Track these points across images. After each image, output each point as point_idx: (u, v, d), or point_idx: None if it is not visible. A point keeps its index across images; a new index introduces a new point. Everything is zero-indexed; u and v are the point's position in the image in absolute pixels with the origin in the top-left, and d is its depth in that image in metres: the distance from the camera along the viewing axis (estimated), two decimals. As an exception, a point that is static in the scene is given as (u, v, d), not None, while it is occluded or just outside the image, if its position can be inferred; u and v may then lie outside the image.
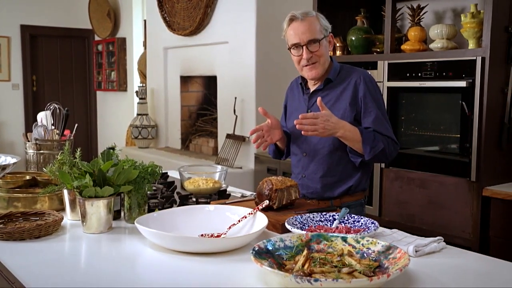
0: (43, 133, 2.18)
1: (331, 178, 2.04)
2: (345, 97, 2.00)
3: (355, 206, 2.05)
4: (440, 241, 1.54)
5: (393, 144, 1.98)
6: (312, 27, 1.98)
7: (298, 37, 1.98)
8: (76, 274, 1.34)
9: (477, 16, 2.66)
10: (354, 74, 2.02)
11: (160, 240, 1.48)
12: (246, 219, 1.65)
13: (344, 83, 2.02)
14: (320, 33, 1.99)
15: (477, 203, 2.63)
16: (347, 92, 2.00)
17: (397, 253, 1.30)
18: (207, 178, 2.10)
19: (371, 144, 1.91)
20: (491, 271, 1.39)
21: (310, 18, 1.99)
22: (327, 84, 2.04)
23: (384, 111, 2.02)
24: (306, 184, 2.09)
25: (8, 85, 7.00)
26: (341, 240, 1.39)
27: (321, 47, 1.99)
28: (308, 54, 1.98)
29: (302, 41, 1.98)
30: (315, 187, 2.06)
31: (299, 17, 1.98)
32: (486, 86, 2.57)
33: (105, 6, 6.67)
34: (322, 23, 2.01)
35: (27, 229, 1.53)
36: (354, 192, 2.05)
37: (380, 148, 1.91)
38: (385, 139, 1.95)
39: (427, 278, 1.29)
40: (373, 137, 1.92)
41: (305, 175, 2.10)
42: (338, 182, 2.04)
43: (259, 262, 1.21)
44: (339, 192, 2.04)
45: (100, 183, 1.63)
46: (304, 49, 1.98)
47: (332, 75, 2.04)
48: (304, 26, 1.97)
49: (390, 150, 1.95)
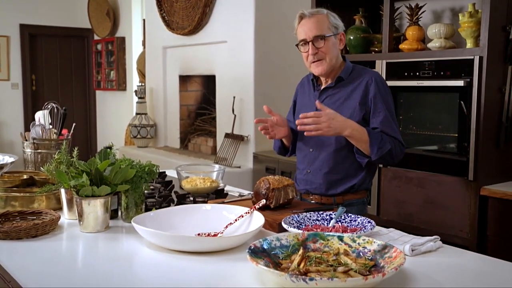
0: (40, 132, 2.18)
1: (336, 176, 2.05)
2: (355, 96, 2.02)
3: (357, 204, 2.06)
4: (437, 240, 1.54)
5: (400, 146, 1.99)
6: (319, 23, 2.01)
7: (305, 33, 2.02)
8: (72, 273, 1.34)
9: (475, 16, 2.66)
10: (366, 75, 2.04)
11: (156, 239, 1.48)
12: (242, 218, 1.65)
13: (355, 83, 2.04)
14: (328, 30, 2.02)
15: (475, 202, 2.64)
16: (357, 91, 2.02)
17: (393, 252, 1.29)
18: (204, 177, 2.10)
19: (378, 145, 1.92)
20: (487, 271, 1.39)
21: (319, 16, 2.03)
22: (338, 82, 2.06)
23: (393, 113, 2.03)
24: (311, 180, 2.10)
25: (8, 84, 7.00)
26: (337, 239, 1.39)
27: (327, 44, 2.01)
28: (313, 50, 2.01)
29: (308, 37, 2.01)
30: (319, 183, 2.08)
31: (307, 14, 2.03)
32: (483, 86, 2.57)
33: (105, 5, 6.67)
34: (331, 20, 2.04)
35: (24, 228, 1.53)
36: (357, 190, 2.06)
37: (387, 149, 1.93)
38: (392, 140, 1.96)
39: (423, 277, 1.29)
40: (380, 138, 1.93)
41: (310, 171, 2.11)
42: (342, 180, 2.05)
43: (254, 261, 1.21)
44: (342, 189, 2.05)
45: (97, 182, 1.63)
46: (310, 45, 2.01)
47: (344, 74, 2.06)
48: (311, 22, 2.01)
49: (396, 151, 1.96)
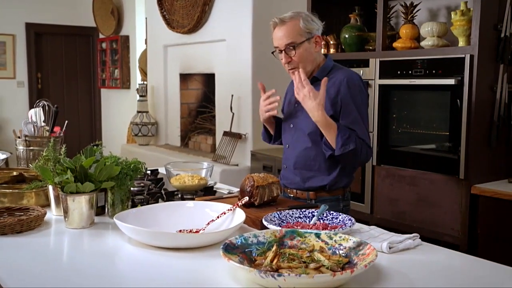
0: (32, 129, 2.22)
1: (307, 172, 2.09)
2: (328, 95, 2.01)
3: (331, 201, 2.06)
4: (416, 238, 1.55)
5: (366, 148, 1.98)
6: (290, 31, 1.98)
7: (277, 41, 2.02)
8: (53, 268, 1.36)
9: (467, 14, 2.64)
10: (339, 75, 2.03)
11: (137, 236, 1.50)
12: (225, 215, 1.67)
13: (330, 82, 2.02)
14: (299, 37, 1.99)
15: (466, 201, 2.63)
16: (329, 90, 2.01)
17: (366, 249, 1.30)
18: (193, 175, 2.12)
19: (343, 141, 1.92)
20: (462, 268, 1.39)
21: (290, 22, 1.99)
22: (313, 82, 2.04)
23: (364, 115, 2.02)
24: (286, 175, 2.17)
25: (13, 82, 7.07)
26: (314, 236, 1.40)
27: (298, 52, 1.99)
28: (286, 59, 2.02)
29: (280, 46, 2.01)
30: (293, 178, 2.13)
31: (277, 22, 2.01)
32: (474, 84, 2.56)
33: (109, 4, 6.71)
34: (303, 25, 1.99)
35: (9, 224, 1.55)
36: (330, 189, 2.07)
37: (351, 147, 1.92)
38: (360, 141, 1.95)
39: (396, 274, 1.30)
40: (348, 135, 1.93)
41: (286, 166, 2.17)
42: (313, 177, 2.08)
43: (227, 257, 1.22)
44: (314, 186, 2.08)
45: (82, 179, 1.66)
46: (283, 54, 2.01)
47: (318, 74, 2.06)
48: (281, 31, 2.00)
49: (362, 153, 1.95)
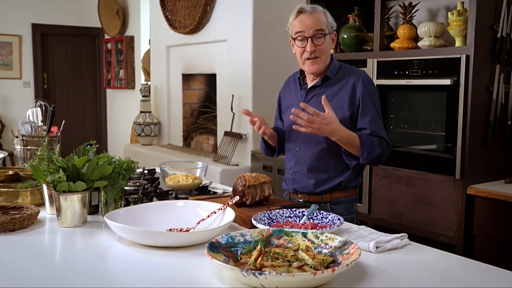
0: (30, 129, 2.25)
1: (322, 174, 2.05)
2: (342, 95, 2.00)
3: (345, 202, 2.06)
4: (404, 237, 1.55)
5: (387, 146, 1.99)
6: (320, 20, 2.00)
7: (305, 27, 1.99)
8: (45, 266, 1.37)
9: (463, 14, 2.64)
10: (353, 75, 2.03)
11: (127, 234, 1.51)
12: (215, 214, 1.68)
13: (342, 82, 2.02)
14: (326, 28, 2.01)
15: (462, 201, 2.63)
16: (344, 91, 2.00)
17: (351, 248, 1.30)
18: (187, 174, 2.14)
19: (368, 150, 1.92)
20: (449, 268, 1.39)
21: (318, 13, 2.01)
22: (325, 81, 2.04)
23: (380, 113, 2.03)
24: (298, 179, 2.10)
25: (20, 83, 7.13)
26: (301, 235, 1.40)
27: (325, 42, 2.00)
28: (312, 47, 1.98)
29: (308, 33, 1.98)
30: (306, 182, 2.07)
31: (308, 9, 2.00)
32: (470, 84, 2.56)
33: (114, 4, 6.75)
34: (329, 19, 2.03)
35: (1, 222, 1.57)
36: (344, 188, 2.06)
37: (376, 154, 1.93)
38: (381, 143, 1.96)
39: (382, 274, 1.30)
40: (371, 144, 1.93)
41: (297, 170, 2.10)
42: (328, 179, 2.05)
43: (210, 256, 1.24)
44: (329, 188, 2.04)
45: (74, 178, 1.68)
46: (309, 42, 1.99)
47: (330, 73, 2.05)
48: (312, 18, 1.99)
49: (384, 153, 1.97)
